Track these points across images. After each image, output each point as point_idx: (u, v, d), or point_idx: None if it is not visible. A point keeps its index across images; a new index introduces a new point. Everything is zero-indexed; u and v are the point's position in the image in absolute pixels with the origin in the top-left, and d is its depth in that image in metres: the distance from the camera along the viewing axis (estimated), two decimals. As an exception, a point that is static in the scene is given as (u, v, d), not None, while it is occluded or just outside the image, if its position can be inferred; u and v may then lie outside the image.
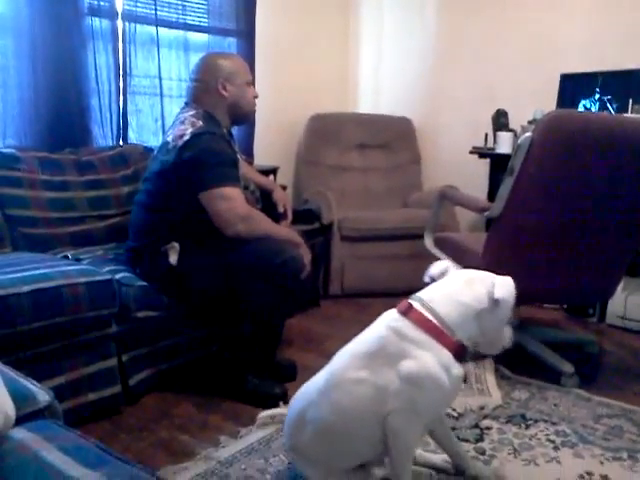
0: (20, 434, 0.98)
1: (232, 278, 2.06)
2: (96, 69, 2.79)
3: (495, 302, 1.37)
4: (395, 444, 1.39)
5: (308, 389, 1.50)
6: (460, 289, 1.41)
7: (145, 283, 2.07)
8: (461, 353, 1.39)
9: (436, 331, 1.37)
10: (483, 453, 1.76)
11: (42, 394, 1.11)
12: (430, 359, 1.35)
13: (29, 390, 1.11)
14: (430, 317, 1.38)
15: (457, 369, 1.38)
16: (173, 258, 2.07)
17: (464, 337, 1.39)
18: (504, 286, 1.38)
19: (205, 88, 2.19)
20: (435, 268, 1.52)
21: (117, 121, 2.92)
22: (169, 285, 2.10)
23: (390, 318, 1.44)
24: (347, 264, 3.38)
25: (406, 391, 1.35)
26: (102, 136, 2.86)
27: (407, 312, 1.40)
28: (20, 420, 1.02)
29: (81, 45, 2.70)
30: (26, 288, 1.72)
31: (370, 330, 1.47)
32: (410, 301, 1.43)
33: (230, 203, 2.03)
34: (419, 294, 1.45)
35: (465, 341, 1.39)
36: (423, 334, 1.36)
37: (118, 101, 2.92)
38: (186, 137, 2.04)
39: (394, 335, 1.39)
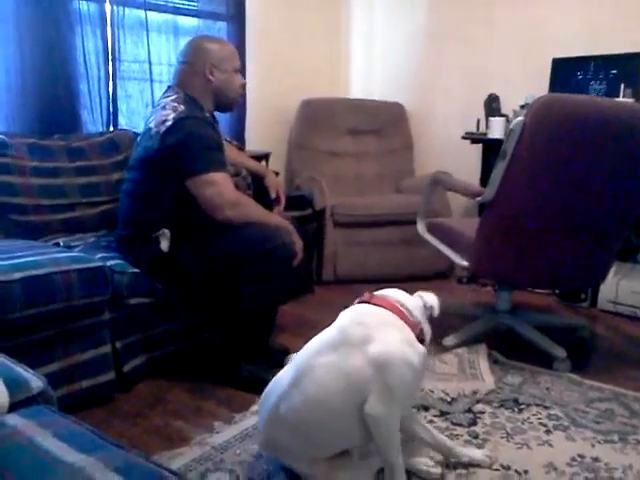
0: (14, 420, 0.97)
1: (223, 265, 2.05)
2: (84, 54, 2.76)
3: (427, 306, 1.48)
4: (378, 433, 1.38)
5: (278, 383, 1.50)
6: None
7: (137, 270, 2.06)
8: (420, 335, 1.46)
9: (399, 311, 1.44)
10: (476, 437, 1.78)
11: (35, 380, 1.10)
12: (394, 336, 1.40)
13: (22, 376, 1.10)
14: (392, 301, 1.46)
15: (420, 346, 1.43)
16: (164, 245, 2.06)
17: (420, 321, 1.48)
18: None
19: (192, 71, 2.16)
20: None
21: (107, 106, 2.90)
22: (161, 272, 2.08)
23: (352, 308, 1.49)
24: (340, 250, 3.38)
25: (378, 376, 1.36)
26: (92, 122, 2.84)
27: (370, 300, 1.47)
28: (13, 407, 1.01)
29: (69, 29, 2.67)
30: (17, 275, 1.71)
31: (335, 322, 1.51)
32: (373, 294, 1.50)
33: (217, 188, 2.01)
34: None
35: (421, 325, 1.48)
36: (387, 313, 1.43)
37: (107, 86, 2.89)
38: (169, 122, 2.00)
39: (356, 324, 1.43)
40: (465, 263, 2.34)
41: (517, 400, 2.02)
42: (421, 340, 1.45)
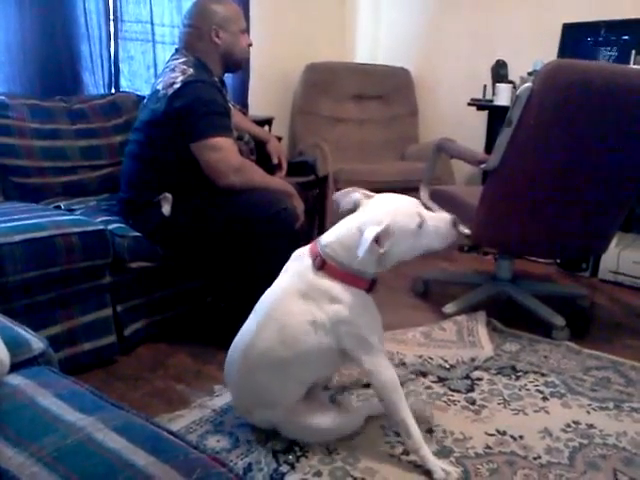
0: (15, 380, 0.98)
1: (225, 229, 2.05)
2: (85, 13, 2.70)
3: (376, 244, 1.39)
4: (379, 384, 1.44)
5: (245, 335, 1.54)
6: (355, 239, 1.42)
7: (139, 234, 2.06)
8: (372, 286, 1.49)
9: (350, 279, 1.45)
10: (473, 403, 1.80)
11: (36, 342, 1.11)
12: (349, 297, 1.44)
13: (23, 337, 1.11)
14: (341, 269, 1.45)
15: (369, 298, 1.49)
16: (166, 209, 2.05)
17: (375, 272, 1.48)
18: (367, 232, 1.38)
19: (198, 35, 2.13)
20: (345, 202, 1.58)
21: (108, 68, 2.85)
22: (163, 236, 2.08)
23: (307, 272, 1.48)
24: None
25: (346, 331, 1.42)
26: (93, 84, 2.80)
27: (322, 267, 1.46)
28: (14, 367, 1.02)
29: (69, -13, 2.61)
30: (18, 237, 1.71)
31: (287, 280, 1.53)
32: (320, 252, 1.47)
33: (222, 154, 2.00)
34: (326, 244, 1.48)
35: (378, 273, 1.49)
36: (339, 284, 1.44)
37: (109, 47, 2.84)
38: (177, 85, 1.99)
39: (312, 288, 1.45)
40: (467, 231, 2.33)
41: (515, 367, 2.03)
42: (373, 288, 1.48)
